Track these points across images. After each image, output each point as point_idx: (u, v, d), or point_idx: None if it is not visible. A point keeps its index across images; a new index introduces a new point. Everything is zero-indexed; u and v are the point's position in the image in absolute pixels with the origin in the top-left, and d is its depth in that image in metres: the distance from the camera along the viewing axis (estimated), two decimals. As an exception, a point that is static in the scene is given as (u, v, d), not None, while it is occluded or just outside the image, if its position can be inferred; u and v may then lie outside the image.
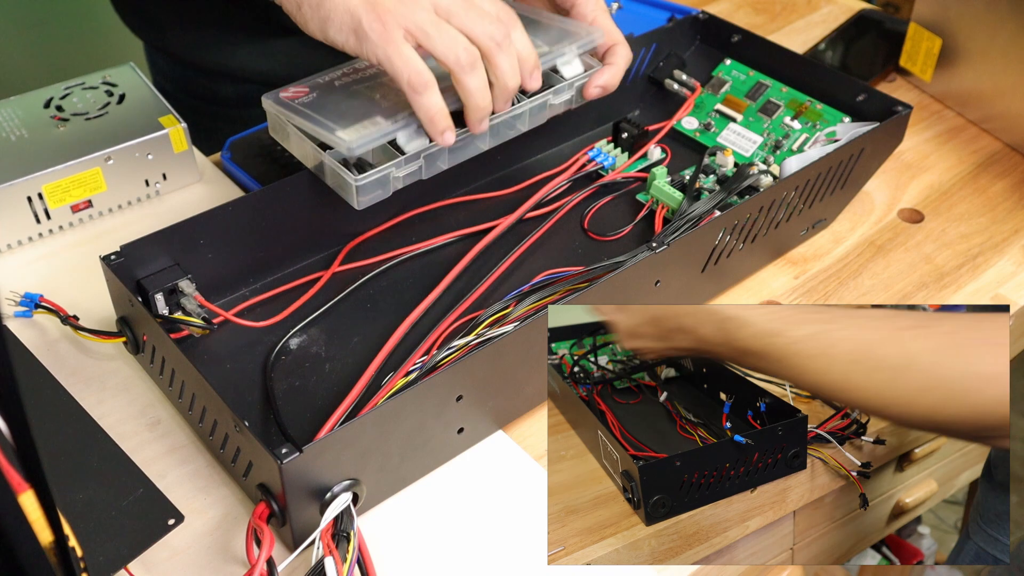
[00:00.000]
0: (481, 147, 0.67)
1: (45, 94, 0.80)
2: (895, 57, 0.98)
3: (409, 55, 0.59)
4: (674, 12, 0.96)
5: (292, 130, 0.65)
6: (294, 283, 0.68)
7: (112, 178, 0.75)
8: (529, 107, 0.67)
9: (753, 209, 0.68)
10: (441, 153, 0.64)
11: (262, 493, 0.51)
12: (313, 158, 0.64)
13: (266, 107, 0.66)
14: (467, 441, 0.60)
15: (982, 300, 0.74)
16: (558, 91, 0.69)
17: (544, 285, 0.65)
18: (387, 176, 0.62)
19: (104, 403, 0.62)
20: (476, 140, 0.66)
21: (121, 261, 0.61)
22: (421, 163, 0.64)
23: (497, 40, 0.61)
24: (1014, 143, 0.89)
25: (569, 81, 0.69)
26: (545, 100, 0.68)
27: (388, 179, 0.63)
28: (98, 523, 0.53)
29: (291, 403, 0.60)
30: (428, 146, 0.63)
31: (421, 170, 0.64)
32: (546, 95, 0.68)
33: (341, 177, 0.62)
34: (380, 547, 0.55)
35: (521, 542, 0.56)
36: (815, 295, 0.74)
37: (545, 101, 0.68)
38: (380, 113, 0.63)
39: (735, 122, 0.82)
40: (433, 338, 0.62)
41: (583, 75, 0.69)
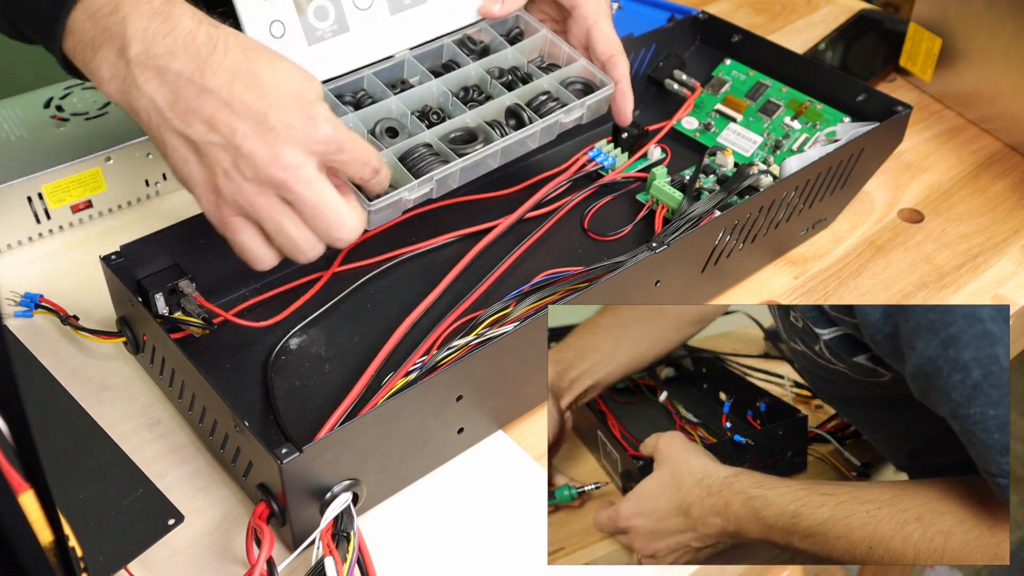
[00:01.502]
0: (492, 165, 0.67)
1: (45, 94, 0.80)
2: (895, 57, 0.98)
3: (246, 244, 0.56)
4: (674, 12, 0.96)
5: None
6: (294, 283, 0.68)
7: (112, 178, 0.75)
8: (540, 127, 0.68)
9: (753, 209, 0.68)
10: (453, 173, 0.65)
11: (262, 493, 0.51)
12: None
13: None
14: (467, 441, 0.60)
15: (982, 300, 0.74)
16: (569, 111, 0.69)
17: (544, 285, 0.65)
18: (399, 200, 0.62)
19: (104, 403, 0.62)
20: (487, 158, 0.66)
21: (121, 261, 0.61)
22: (433, 185, 0.64)
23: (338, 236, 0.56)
24: (1014, 143, 0.89)
25: (581, 101, 0.69)
26: (556, 120, 0.69)
27: (400, 202, 0.63)
28: (98, 523, 0.53)
29: (291, 403, 0.60)
30: (441, 170, 0.64)
31: (433, 191, 0.64)
32: (556, 115, 0.68)
33: None
34: (380, 547, 0.55)
35: (521, 542, 0.56)
36: (815, 295, 0.74)
37: (556, 121, 0.69)
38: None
39: (735, 122, 0.82)
40: (433, 338, 0.62)
41: (594, 95, 0.70)
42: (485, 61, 0.72)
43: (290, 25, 0.66)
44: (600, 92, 0.71)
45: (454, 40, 0.73)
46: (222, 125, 0.52)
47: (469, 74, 0.71)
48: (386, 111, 0.68)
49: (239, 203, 0.54)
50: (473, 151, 0.65)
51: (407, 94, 0.68)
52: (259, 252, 0.56)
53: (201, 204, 0.56)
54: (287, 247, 0.56)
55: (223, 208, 0.55)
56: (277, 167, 0.53)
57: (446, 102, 0.70)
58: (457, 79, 0.71)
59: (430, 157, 0.64)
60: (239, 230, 0.55)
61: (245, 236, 0.56)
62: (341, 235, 0.56)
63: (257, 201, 0.54)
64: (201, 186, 0.54)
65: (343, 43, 0.68)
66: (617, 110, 0.73)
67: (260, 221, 0.55)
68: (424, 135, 0.65)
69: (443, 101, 0.70)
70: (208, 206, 0.55)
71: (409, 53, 0.71)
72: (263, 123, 0.52)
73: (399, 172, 0.64)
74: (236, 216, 0.55)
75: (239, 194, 0.53)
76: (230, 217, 0.55)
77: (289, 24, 0.66)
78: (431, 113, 0.69)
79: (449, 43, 0.73)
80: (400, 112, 0.68)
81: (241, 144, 0.52)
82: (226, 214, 0.55)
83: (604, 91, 0.71)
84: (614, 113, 0.73)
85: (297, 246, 0.56)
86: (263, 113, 0.52)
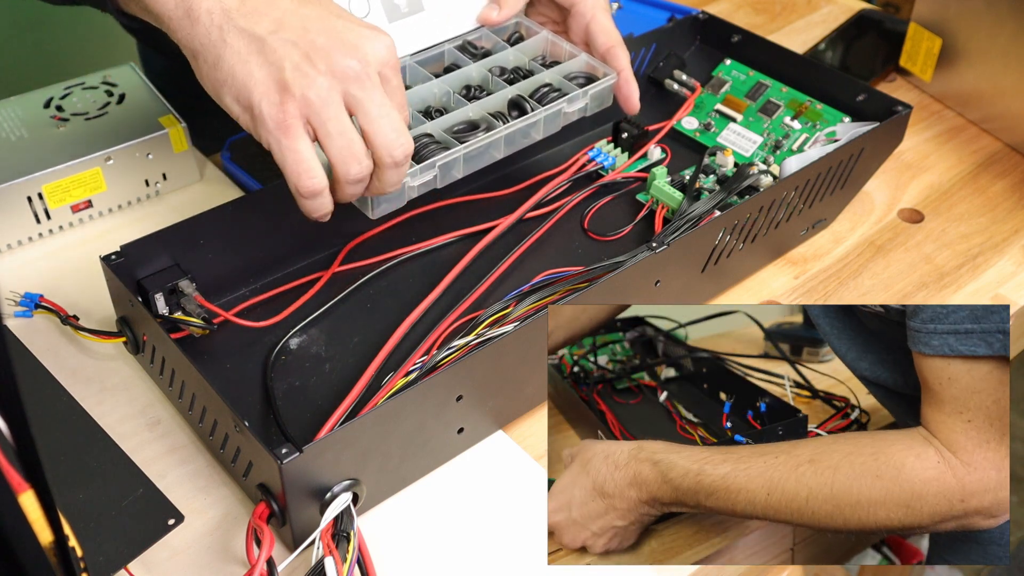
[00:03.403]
0: (496, 155, 0.67)
1: (45, 94, 0.80)
2: (895, 57, 0.98)
3: (303, 154, 0.54)
4: (674, 12, 0.96)
5: None
6: (294, 283, 0.68)
7: (112, 178, 0.75)
8: (544, 115, 0.68)
9: (753, 209, 0.68)
10: (456, 162, 0.65)
11: (262, 493, 0.51)
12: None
13: None
14: (467, 441, 0.60)
15: (982, 300, 0.74)
16: (572, 99, 0.69)
17: (544, 285, 0.65)
18: (403, 186, 0.62)
19: (104, 403, 0.62)
20: (491, 148, 0.66)
21: (121, 261, 0.61)
22: (436, 172, 0.64)
23: (397, 160, 0.56)
24: (1014, 143, 0.89)
25: (584, 90, 0.69)
26: (559, 109, 0.69)
27: (403, 189, 0.63)
28: (98, 523, 0.53)
29: (291, 403, 0.60)
30: (444, 155, 0.64)
31: (436, 179, 0.64)
32: (560, 103, 0.68)
33: None
34: (380, 547, 0.55)
35: (521, 542, 0.56)
36: (815, 295, 0.74)
37: (559, 110, 0.69)
38: None
39: (735, 122, 0.82)
40: (433, 338, 0.62)
41: (597, 83, 0.70)
42: (487, 61, 0.72)
43: None
44: (602, 81, 0.70)
45: (455, 46, 0.73)
46: (293, 23, 0.53)
47: (471, 74, 0.71)
48: None
49: (308, 98, 0.53)
50: (475, 139, 0.65)
51: (409, 93, 0.68)
52: (313, 164, 0.54)
53: (259, 107, 0.53)
54: (343, 154, 0.54)
55: (288, 106, 0.52)
56: (355, 58, 0.53)
57: (448, 101, 0.70)
58: (459, 78, 0.71)
59: (432, 146, 0.64)
60: (299, 136, 0.53)
61: (304, 143, 0.53)
62: (400, 142, 0.55)
63: (329, 96, 0.53)
64: (264, 84, 0.53)
65: None
66: (623, 99, 0.72)
67: (325, 121, 0.53)
68: (426, 126, 0.65)
69: (445, 101, 0.70)
70: (269, 108, 0.53)
71: (410, 59, 0.71)
72: (333, 27, 0.54)
73: None
74: (299, 119, 0.53)
75: (310, 87, 0.52)
76: (293, 119, 0.53)
77: None
78: (433, 111, 0.69)
79: (450, 48, 0.73)
80: None
81: (315, 39, 0.53)
82: (290, 114, 0.53)
83: (607, 80, 0.71)
84: (620, 102, 0.73)
85: (353, 153, 0.54)
86: (334, 19, 0.54)
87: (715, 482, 0.50)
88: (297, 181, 0.54)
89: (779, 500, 0.49)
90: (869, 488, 0.48)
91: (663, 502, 0.52)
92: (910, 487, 0.48)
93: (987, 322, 0.46)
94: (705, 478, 0.50)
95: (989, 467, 0.47)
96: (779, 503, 0.49)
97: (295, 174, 0.54)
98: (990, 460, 0.47)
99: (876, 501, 0.48)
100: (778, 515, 0.49)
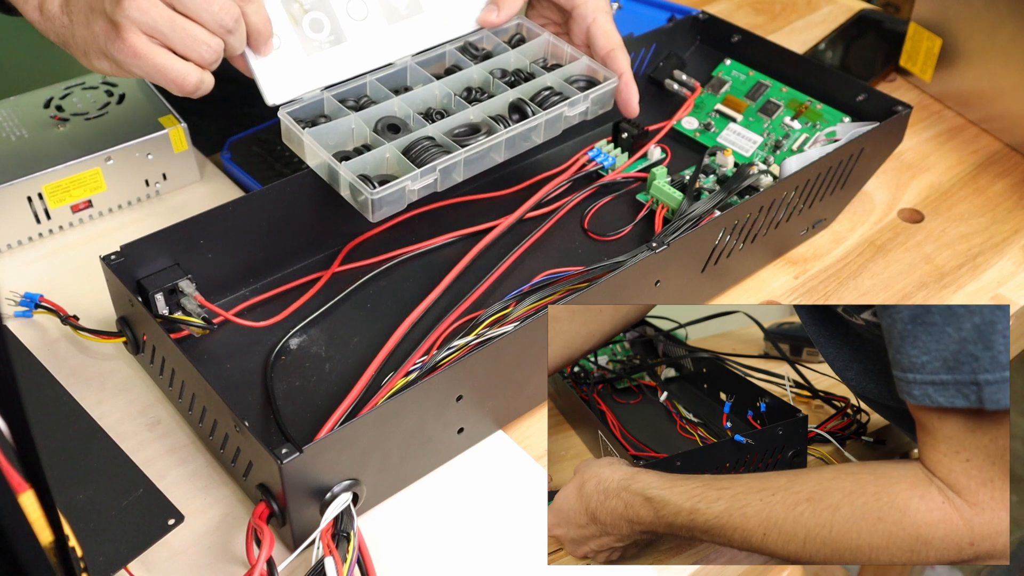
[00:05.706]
0: (496, 159, 0.68)
1: (45, 94, 0.80)
2: (895, 57, 0.98)
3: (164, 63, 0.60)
4: (674, 12, 0.96)
5: (307, 140, 0.65)
6: (294, 283, 0.68)
7: (112, 178, 0.75)
8: (544, 119, 0.68)
9: (753, 209, 0.68)
10: (456, 166, 0.65)
11: (262, 493, 0.51)
12: (329, 170, 0.64)
13: (281, 117, 0.66)
14: (467, 441, 0.60)
15: (982, 300, 0.74)
16: (573, 103, 0.69)
17: (544, 285, 0.65)
18: (403, 189, 0.62)
19: (104, 403, 0.62)
20: (491, 152, 0.66)
21: (121, 261, 0.61)
22: (437, 176, 0.64)
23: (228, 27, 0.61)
24: (1014, 143, 0.89)
25: (584, 94, 0.70)
26: (560, 112, 0.69)
27: (404, 192, 0.63)
28: (98, 523, 0.53)
29: (291, 403, 0.60)
30: (444, 159, 0.64)
31: (437, 182, 0.64)
32: (561, 107, 0.69)
33: (358, 190, 0.62)
34: (380, 547, 0.55)
35: (521, 542, 0.56)
36: (815, 295, 0.74)
37: (560, 114, 0.69)
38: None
39: (735, 122, 0.82)
40: (433, 338, 0.62)
41: (598, 87, 0.71)
42: (488, 63, 0.72)
43: (286, 37, 0.66)
44: (603, 85, 0.71)
45: (456, 47, 0.73)
46: None
47: (472, 76, 0.71)
48: (388, 111, 0.68)
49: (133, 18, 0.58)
50: (476, 143, 0.65)
51: (409, 95, 0.68)
52: (178, 66, 0.60)
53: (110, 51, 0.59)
54: (187, 43, 0.59)
55: (128, 36, 0.58)
56: None
57: (449, 103, 0.70)
58: (460, 80, 0.71)
59: (433, 149, 0.64)
60: (151, 51, 0.59)
61: (159, 55, 0.59)
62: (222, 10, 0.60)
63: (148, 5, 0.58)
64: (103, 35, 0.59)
65: (340, 53, 0.68)
66: (622, 103, 0.73)
67: (157, 24, 0.58)
68: (427, 129, 0.66)
69: (446, 103, 0.70)
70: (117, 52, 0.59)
71: (411, 60, 0.71)
72: None
73: (402, 165, 0.64)
74: (141, 36, 0.59)
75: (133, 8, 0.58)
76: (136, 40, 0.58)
77: (285, 36, 0.66)
78: (434, 113, 0.69)
79: (452, 49, 0.73)
80: (403, 112, 0.68)
81: None
82: (133, 41, 0.58)
83: (608, 84, 0.71)
84: (620, 106, 0.73)
85: (198, 39, 0.60)
86: None
87: (709, 521, 0.49)
88: (179, 88, 0.61)
89: (775, 541, 0.48)
90: (870, 532, 0.46)
91: (658, 533, 0.51)
92: (915, 531, 0.46)
93: (960, 372, 0.44)
94: (699, 517, 0.49)
95: (997, 507, 0.45)
96: (776, 544, 0.48)
97: (170, 83, 0.60)
98: (997, 500, 0.45)
99: (878, 546, 0.46)
100: (775, 555, 0.48)
